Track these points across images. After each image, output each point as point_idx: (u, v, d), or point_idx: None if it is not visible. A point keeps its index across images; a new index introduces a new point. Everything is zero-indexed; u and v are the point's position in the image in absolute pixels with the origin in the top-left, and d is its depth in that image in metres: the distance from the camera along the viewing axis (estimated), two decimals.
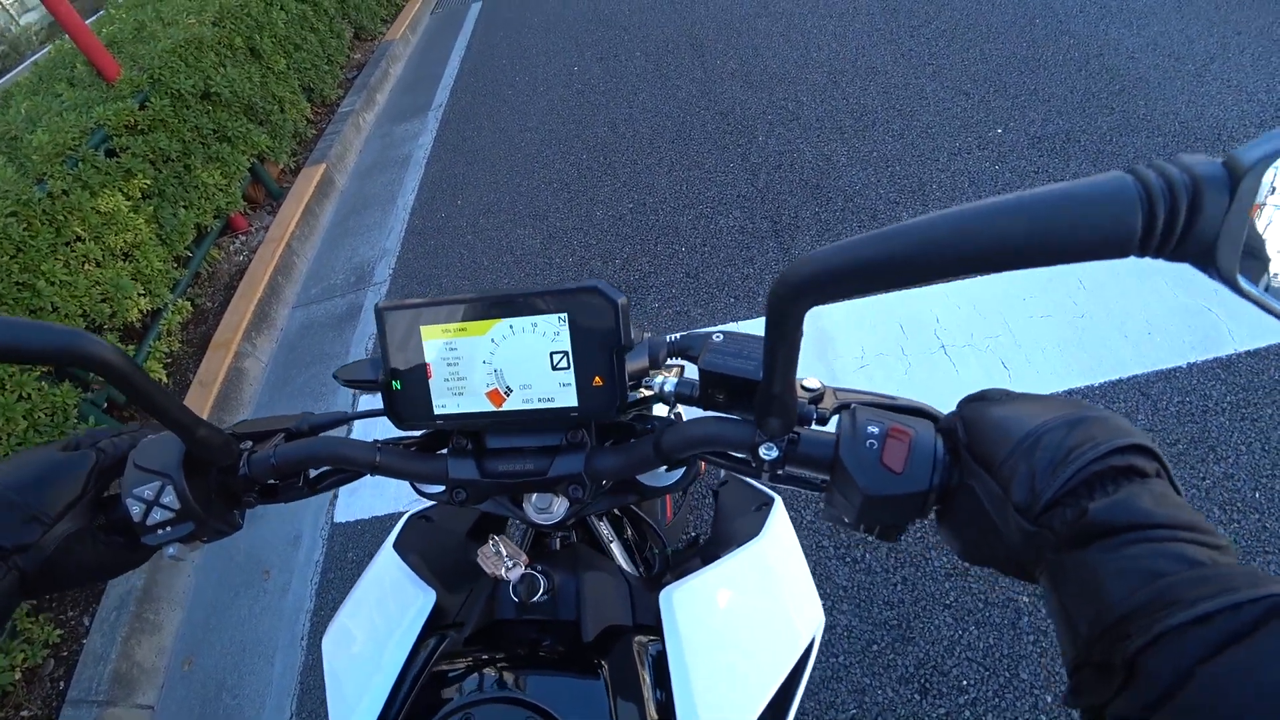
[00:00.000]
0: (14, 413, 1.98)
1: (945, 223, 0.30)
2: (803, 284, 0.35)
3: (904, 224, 0.31)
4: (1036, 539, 0.35)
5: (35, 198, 2.33)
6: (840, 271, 0.33)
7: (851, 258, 0.32)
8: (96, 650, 1.97)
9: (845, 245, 0.33)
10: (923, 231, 0.30)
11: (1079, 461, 0.35)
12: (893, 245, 0.31)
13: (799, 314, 0.37)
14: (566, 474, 0.58)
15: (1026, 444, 0.37)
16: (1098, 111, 2.84)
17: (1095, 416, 0.37)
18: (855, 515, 0.46)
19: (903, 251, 0.31)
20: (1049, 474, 0.35)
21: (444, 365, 0.57)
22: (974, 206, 0.29)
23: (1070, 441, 0.36)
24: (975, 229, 0.29)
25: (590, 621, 0.65)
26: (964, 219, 0.29)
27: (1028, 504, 0.35)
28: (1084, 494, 0.34)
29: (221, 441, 0.56)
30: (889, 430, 0.44)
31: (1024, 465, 0.36)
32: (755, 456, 0.50)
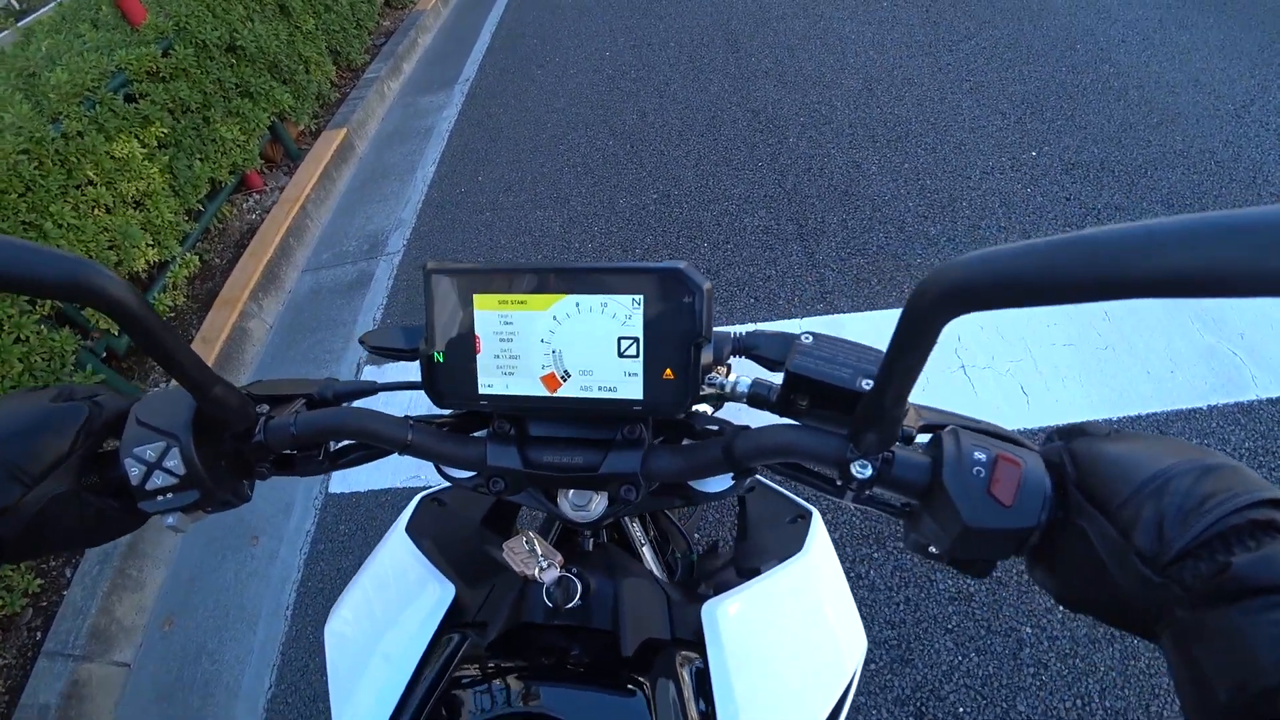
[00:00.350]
0: (9, 355, 1.93)
1: (1140, 238, 0.25)
2: (956, 288, 0.30)
3: (1087, 233, 0.26)
4: (1161, 591, 0.32)
5: (49, 137, 2.27)
6: (1006, 280, 0.28)
7: (1020, 266, 0.28)
8: (76, 603, 1.93)
9: (1014, 250, 0.28)
10: (1112, 244, 0.26)
11: (1216, 511, 0.31)
12: (1074, 256, 0.26)
13: (940, 323, 0.32)
14: (620, 472, 0.53)
15: (1152, 487, 0.34)
16: (1134, 143, 2.80)
17: (1228, 465, 0.34)
18: (948, 546, 0.42)
19: (1085, 266, 0.26)
20: (1180, 522, 0.32)
21: (496, 340, 0.51)
22: (1172, 222, 0.25)
23: (1204, 489, 0.33)
24: (1176, 249, 0.24)
25: (629, 633, 0.60)
26: (1164, 235, 0.25)
27: (1155, 552, 0.32)
28: (1220, 548, 0.31)
29: (238, 403, 0.50)
30: (997, 458, 0.40)
31: (1150, 510, 0.33)
32: (845, 473, 0.45)
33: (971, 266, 0.30)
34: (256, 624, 1.95)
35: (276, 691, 1.80)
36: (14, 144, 2.14)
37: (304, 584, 2.01)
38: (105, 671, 1.88)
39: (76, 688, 1.80)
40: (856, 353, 0.46)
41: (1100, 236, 0.26)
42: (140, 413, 0.50)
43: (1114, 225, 0.26)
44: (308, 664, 1.84)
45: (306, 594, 1.98)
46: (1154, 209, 2.50)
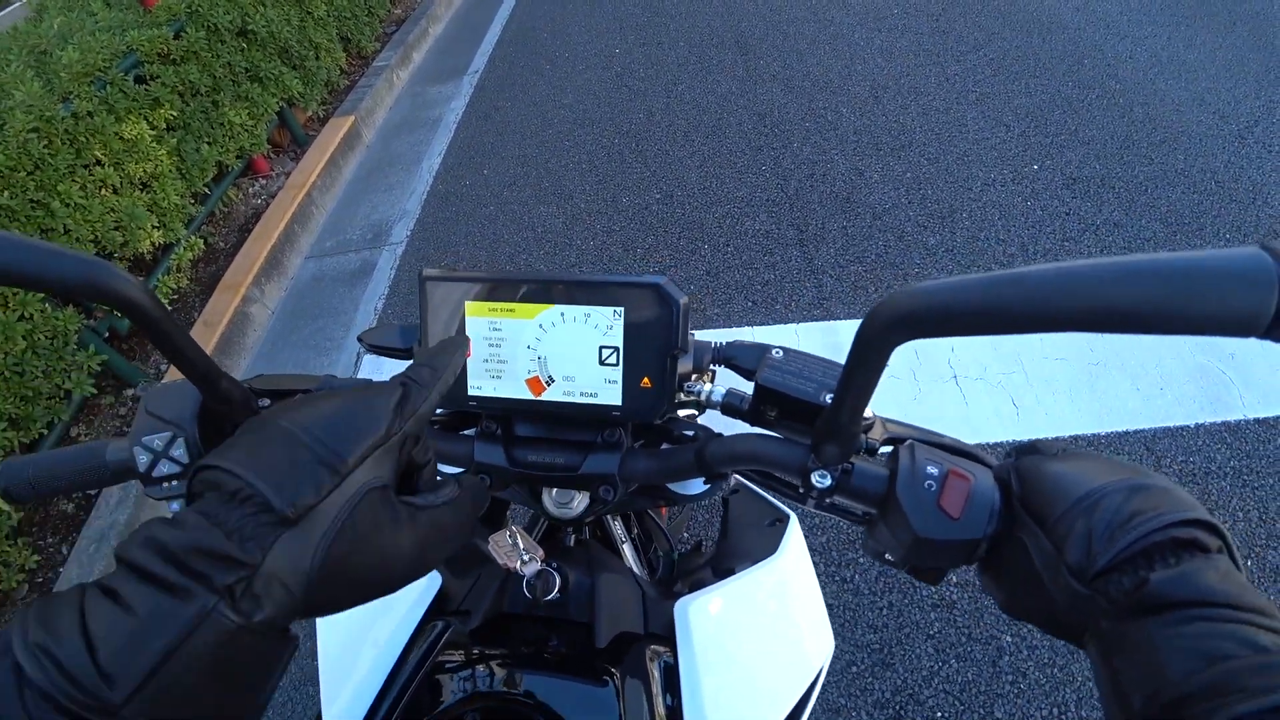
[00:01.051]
0: (14, 332, 1.95)
1: (1066, 277, 0.28)
2: (902, 316, 0.33)
3: (1021, 271, 0.29)
4: (1087, 602, 0.34)
5: (59, 116, 2.28)
6: (946, 311, 0.31)
7: (960, 298, 0.31)
8: (72, 580, 1.95)
9: (955, 284, 0.31)
10: (1042, 282, 0.29)
11: (1141, 529, 0.33)
12: (1007, 292, 0.29)
13: (889, 346, 0.35)
14: (599, 473, 0.56)
15: (1085, 504, 0.36)
16: (1136, 160, 2.82)
17: (1158, 485, 0.36)
18: (901, 555, 0.44)
19: (1018, 301, 0.29)
20: (1107, 537, 0.34)
21: (485, 345, 0.55)
22: (1098, 264, 0.28)
23: (1132, 507, 0.35)
24: (1098, 288, 0.28)
25: (604, 626, 0.63)
26: (1088, 275, 0.28)
27: (1082, 565, 0.34)
28: (1142, 563, 0.33)
29: (241, 396, 0.53)
30: (948, 473, 0.42)
31: (1081, 525, 0.35)
32: (805, 482, 0.48)
33: (917, 296, 0.32)
34: None
35: None
36: (24, 122, 2.15)
37: None
38: None
39: None
40: (823, 368, 0.49)
41: (1033, 275, 0.29)
42: (149, 404, 0.53)
43: (1047, 264, 0.29)
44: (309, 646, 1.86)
45: None
46: (1152, 227, 2.52)
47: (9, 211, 2.10)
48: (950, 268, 2.48)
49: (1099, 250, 2.47)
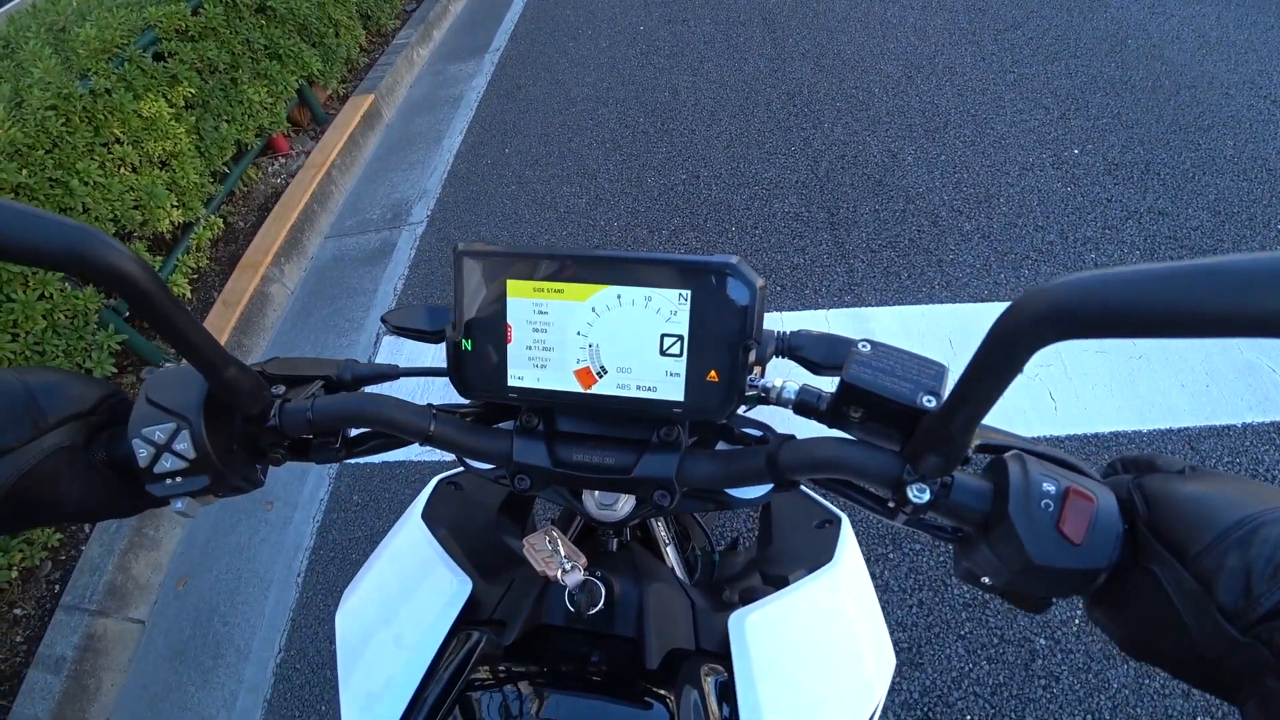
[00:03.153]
0: (33, 311, 1.94)
1: (1264, 271, 0.22)
2: (1059, 312, 0.27)
3: (1215, 261, 0.24)
4: (1244, 651, 0.29)
5: (77, 93, 2.26)
6: (1119, 308, 0.25)
7: (1138, 294, 0.25)
8: (94, 559, 1.96)
9: (1130, 275, 0.25)
10: (1247, 277, 0.23)
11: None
12: (1201, 287, 0.24)
13: (1032, 348, 0.29)
14: (654, 477, 0.50)
15: (1237, 535, 0.31)
16: (1182, 146, 2.70)
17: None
18: (1006, 580, 0.39)
19: (1215, 298, 0.23)
20: (1270, 576, 0.29)
21: (528, 330, 0.48)
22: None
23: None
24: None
25: (654, 644, 0.58)
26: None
27: (1239, 608, 0.29)
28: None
29: (251, 385, 0.48)
30: (1067, 491, 0.37)
31: (1235, 560, 0.30)
32: (899, 495, 0.42)
33: (1082, 288, 0.26)
34: (269, 589, 1.97)
35: (285, 656, 1.82)
36: (42, 99, 2.13)
37: (315, 552, 2.02)
38: (121, 627, 1.92)
39: (92, 641, 1.83)
40: (917, 365, 0.43)
41: (1235, 266, 0.23)
42: (150, 390, 0.47)
43: (1246, 254, 0.23)
44: (317, 631, 1.85)
45: (318, 562, 2.00)
46: (1199, 216, 2.41)
47: (28, 190, 2.08)
48: (987, 255, 2.40)
49: (1141, 239, 2.37)
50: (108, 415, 0.48)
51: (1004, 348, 0.30)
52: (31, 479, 0.43)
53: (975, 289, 2.29)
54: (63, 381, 0.46)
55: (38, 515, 0.45)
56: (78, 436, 0.46)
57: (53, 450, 0.44)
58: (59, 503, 0.45)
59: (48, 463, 0.43)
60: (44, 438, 0.44)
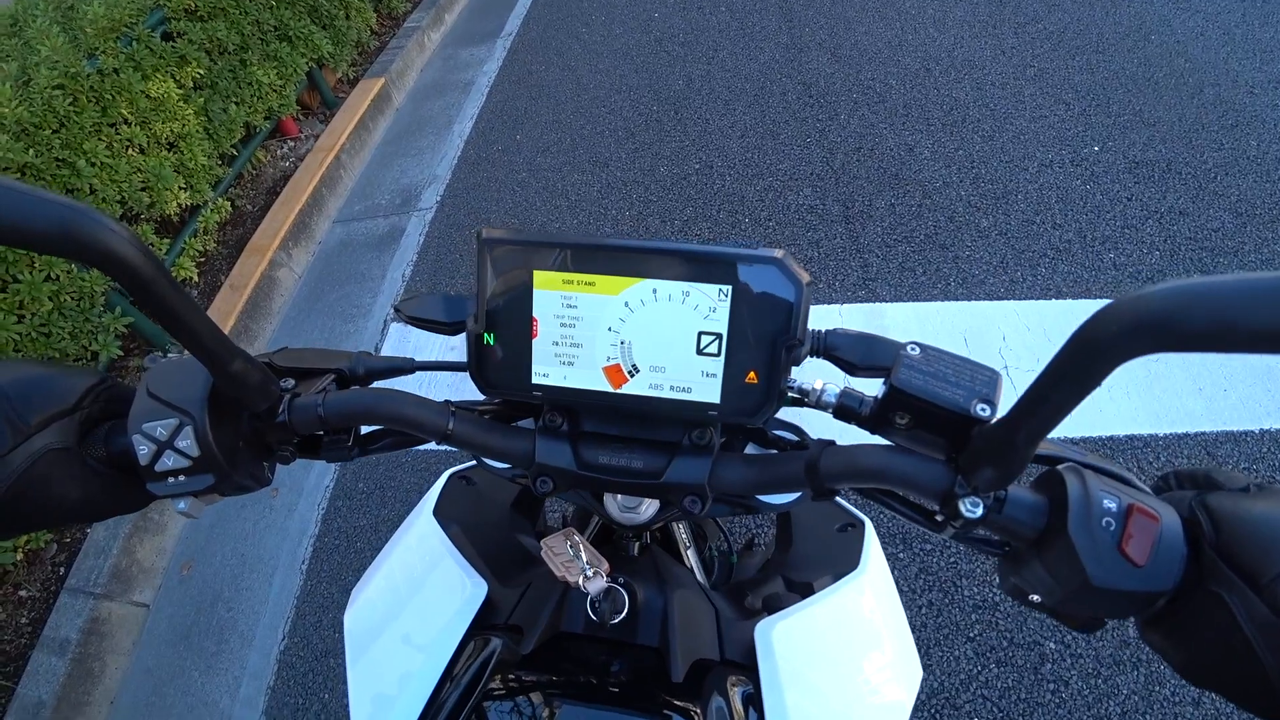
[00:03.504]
0: (39, 293, 1.92)
1: None
2: (1148, 323, 0.25)
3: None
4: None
5: (85, 72, 2.23)
6: (1224, 320, 0.23)
7: (1246, 305, 0.23)
8: (99, 542, 1.95)
9: (1236, 285, 0.23)
10: None
11: None
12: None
13: (1118, 360, 0.27)
14: (685, 482, 0.47)
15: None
16: (1205, 145, 2.65)
17: None
18: (1059, 599, 0.37)
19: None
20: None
21: (556, 324, 0.46)
22: None
23: None
24: None
25: (680, 655, 0.56)
26: None
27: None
28: None
29: (259, 379, 0.45)
30: (1129, 509, 0.34)
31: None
32: (948, 509, 0.39)
33: (1180, 298, 0.24)
34: (273, 576, 1.96)
35: (289, 643, 1.82)
36: (49, 78, 2.10)
37: (320, 539, 2.01)
38: (125, 610, 1.91)
39: (97, 624, 1.83)
40: (969, 370, 0.40)
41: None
42: (151, 383, 0.45)
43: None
44: (320, 619, 1.85)
45: (322, 550, 1.99)
46: (1221, 216, 2.37)
47: (35, 170, 2.06)
48: (1004, 252, 2.36)
49: (1162, 239, 2.33)
50: (100, 407, 0.45)
51: (1086, 357, 0.28)
52: (22, 486, 0.40)
53: (991, 286, 2.26)
54: (39, 378, 0.43)
55: (36, 520, 0.42)
56: (67, 436, 0.42)
57: (41, 453, 0.41)
58: (57, 505, 0.43)
59: (38, 467, 0.41)
60: (29, 442, 0.40)
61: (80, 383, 0.44)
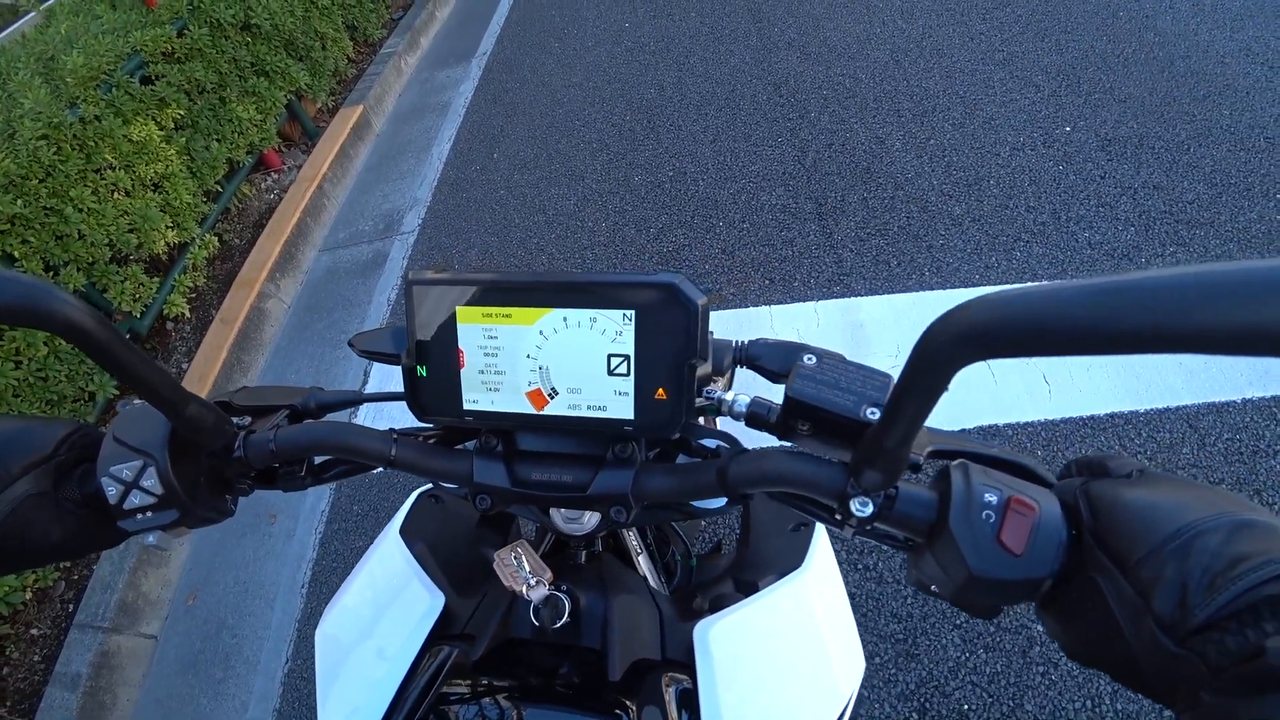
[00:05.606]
0: (35, 338, 1.98)
1: (1208, 286, 0.21)
2: (979, 331, 0.27)
3: (1138, 277, 0.23)
4: (1180, 664, 0.29)
5: (67, 121, 2.29)
6: (1038, 327, 0.25)
7: (1057, 313, 0.24)
8: (105, 578, 2.00)
9: (1048, 294, 0.25)
10: (1173, 292, 0.22)
11: (1248, 580, 0.27)
12: (1122, 304, 0.23)
13: (955, 366, 0.29)
14: (610, 492, 0.51)
15: (1176, 544, 0.30)
16: (1177, 118, 2.66)
17: (1264, 522, 0.30)
18: (953, 591, 0.39)
19: (1137, 316, 0.22)
20: (1205, 587, 0.28)
21: (480, 355, 0.50)
22: (1252, 268, 0.21)
23: (1234, 550, 0.29)
24: (1256, 302, 0.21)
25: (618, 655, 0.59)
26: (1238, 284, 0.21)
27: (1173, 620, 0.29)
28: (1250, 622, 0.27)
29: (214, 421, 0.49)
30: (1009, 501, 0.37)
31: (1171, 570, 0.30)
32: (844, 509, 0.42)
33: (1000, 308, 0.26)
34: (274, 601, 2.00)
35: (293, 666, 1.86)
36: (33, 129, 2.16)
37: (319, 562, 2.05)
38: (133, 643, 1.96)
39: (107, 658, 1.88)
40: (863, 377, 0.43)
41: (1157, 283, 0.22)
42: (117, 430, 0.49)
43: (1171, 269, 0.23)
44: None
45: (321, 573, 2.03)
46: (1195, 189, 2.37)
47: (24, 220, 2.12)
48: (978, 238, 2.37)
49: (1136, 215, 2.34)
50: (75, 453, 0.49)
51: (928, 367, 0.30)
52: (5, 529, 0.45)
53: (966, 274, 2.28)
54: (17, 430, 0.47)
55: (20, 561, 0.47)
56: (44, 482, 0.47)
57: (21, 499, 0.45)
58: (38, 546, 0.47)
59: (19, 513, 0.45)
60: (9, 489, 0.45)
61: (56, 432, 0.49)
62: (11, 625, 1.95)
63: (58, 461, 0.48)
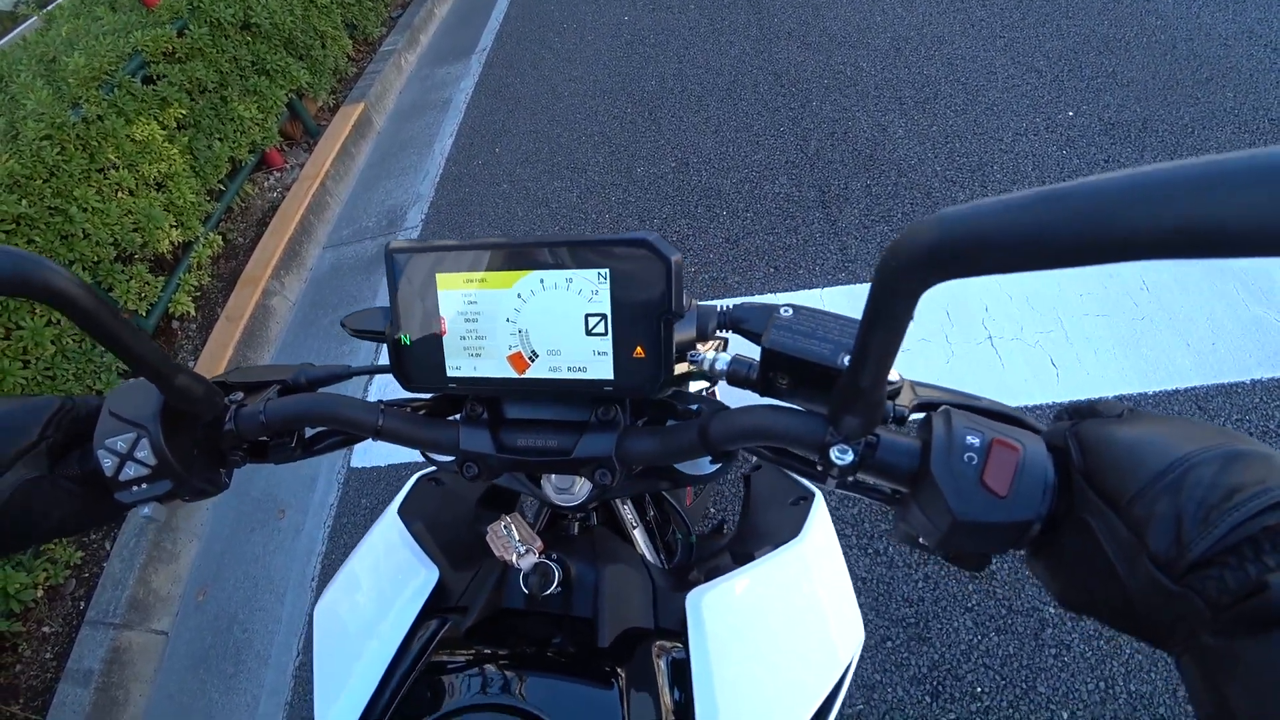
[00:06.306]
0: (42, 338, 1.99)
1: (1139, 188, 0.20)
2: (929, 251, 0.26)
3: (1076, 184, 0.22)
4: (1178, 602, 0.28)
5: (70, 122, 2.30)
6: (983, 240, 0.24)
7: (1001, 224, 0.23)
8: (115, 575, 2.01)
9: (992, 206, 0.24)
10: (1108, 197, 0.21)
11: (1244, 510, 0.27)
12: (1061, 210, 0.22)
13: (915, 292, 0.28)
14: (594, 455, 0.51)
15: (1169, 479, 0.29)
16: (1180, 100, 2.64)
17: (1257, 452, 0.29)
18: (938, 540, 0.38)
19: (1079, 221, 0.21)
20: (1200, 520, 0.27)
21: (461, 321, 0.50)
22: (1179, 167, 0.20)
23: (1229, 481, 0.28)
24: (1187, 198, 0.20)
25: (608, 623, 0.59)
26: (1167, 183, 0.20)
27: (1170, 557, 0.28)
28: (1249, 555, 0.26)
29: (203, 392, 0.50)
30: (991, 442, 0.36)
31: (1165, 505, 0.29)
32: (824, 459, 0.42)
33: (946, 225, 0.25)
34: (284, 595, 2.01)
35: (304, 660, 1.86)
36: (36, 130, 2.17)
37: (328, 556, 2.06)
38: (145, 639, 1.97)
39: (118, 654, 1.88)
40: (839, 326, 0.43)
41: (1101, 186, 0.21)
42: (111, 403, 0.50)
43: (1118, 172, 0.21)
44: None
45: (330, 566, 2.03)
46: None
47: (29, 220, 2.12)
48: None
49: None
50: (64, 431, 0.49)
51: (888, 295, 0.29)
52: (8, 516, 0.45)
53: None
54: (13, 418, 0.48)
55: (20, 543, 0.48)
56: (39, 465, 0.47)
57: (15, 486, 0.46)
58: (37, 527, 0.48)
59: (15, 499, 0.45)
60: (3, 478, 0.45)
61: (39, 413, 0.48)
62: (23, 623, 1.95)
63: (48, 443, 0.48)
